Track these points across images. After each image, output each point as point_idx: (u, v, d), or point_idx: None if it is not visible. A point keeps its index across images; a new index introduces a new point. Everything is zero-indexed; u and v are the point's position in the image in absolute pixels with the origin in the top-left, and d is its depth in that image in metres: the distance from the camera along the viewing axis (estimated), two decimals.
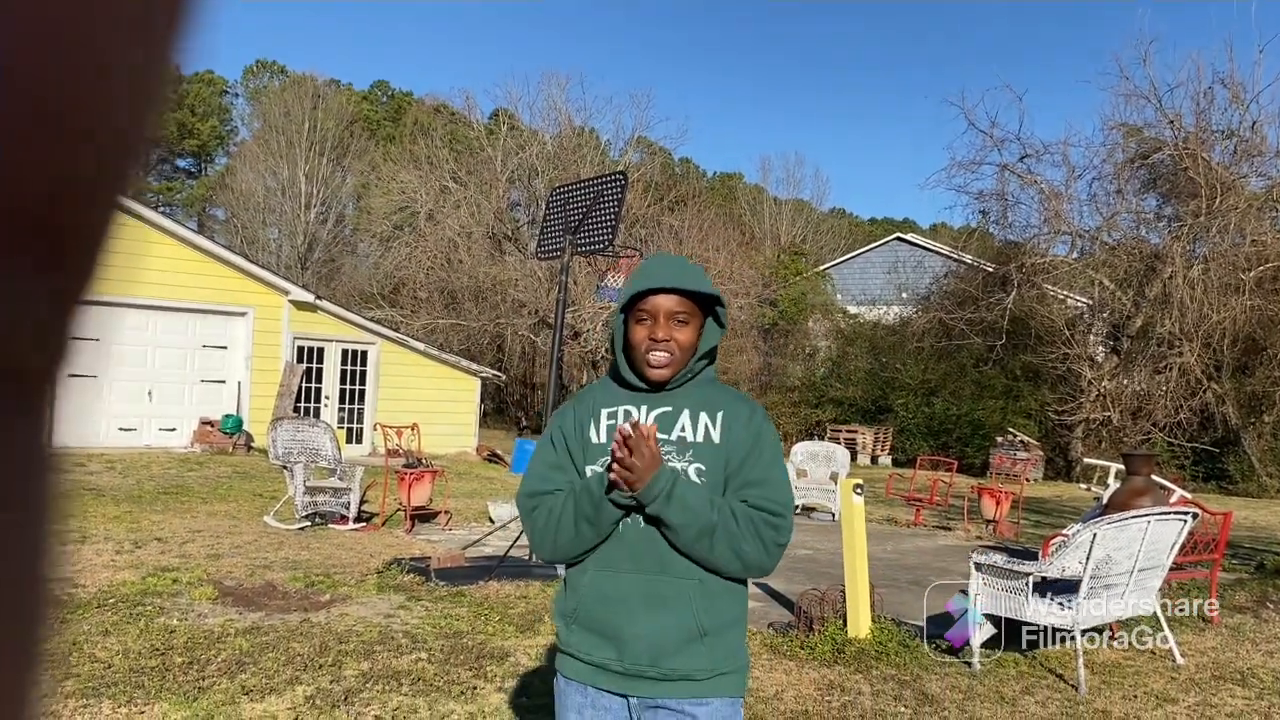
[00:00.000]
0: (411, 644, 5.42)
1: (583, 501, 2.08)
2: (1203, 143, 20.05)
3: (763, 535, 2.05)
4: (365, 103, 54.02)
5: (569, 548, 2.12)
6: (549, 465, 2.21)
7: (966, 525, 12.00)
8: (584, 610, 2.11)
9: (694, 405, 2.16)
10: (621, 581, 2.08)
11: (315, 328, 17.78)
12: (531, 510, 2.16)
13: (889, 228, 50.23)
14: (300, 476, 9.48)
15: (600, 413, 2.19)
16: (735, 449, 2.12)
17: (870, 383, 25.80)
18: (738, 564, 2.05)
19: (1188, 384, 19.75)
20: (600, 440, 2.16)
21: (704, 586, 2.06)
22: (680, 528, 2.02)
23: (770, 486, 2.11)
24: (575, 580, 2.15)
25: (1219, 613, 7.04)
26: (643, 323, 2.13)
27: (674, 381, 2.16)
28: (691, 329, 2.15)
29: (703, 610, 2.05)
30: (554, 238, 8.75)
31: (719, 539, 2.03)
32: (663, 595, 2.05)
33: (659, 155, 35.40)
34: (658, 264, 2.18)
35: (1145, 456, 7.75)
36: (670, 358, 2.11)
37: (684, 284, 2.11)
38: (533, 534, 2.17)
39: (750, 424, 2.15)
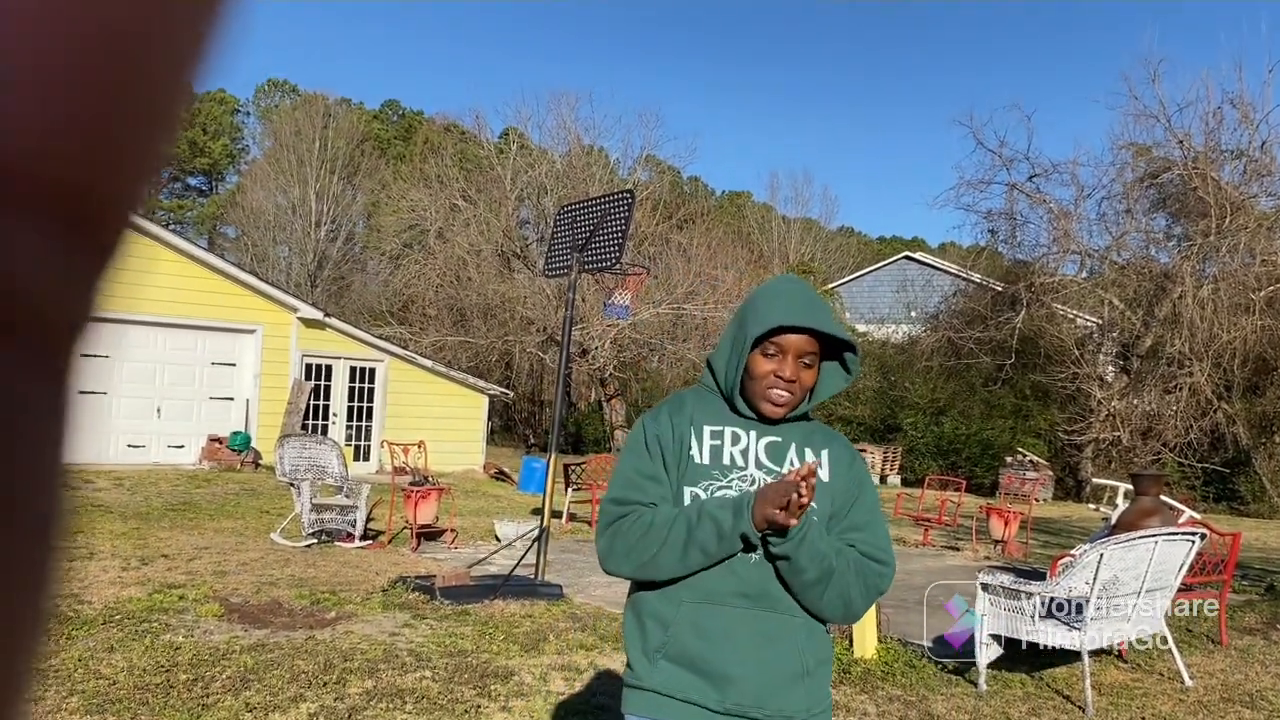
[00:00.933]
0: (416, 662, 5.42)
1: (704, 529, 1.94)
2: (1212, 162, 20.04)
3: (868, 583, 2.01)
4: (376, 121, 54.37)
5: (662, 569, 1.97)
6: (643, 474, 2.06)
7: (975, 545, 11.94)
8: (676, 645, 1.96)
9: (800, 440, 2.09)
10: (728, 617, 1.96)
11: (323, 345, 17.84)
12: (618, 518, 2.01)
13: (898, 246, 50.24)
14: (307, 494, 9.49)
15: (704, 430, 2.06)
16: (840, 490, 2.07)
17: (879, 402, 25.76)
18: (842, 611, 2.01)
19: (1198, 404, 19.67)
20: (702, 460, 2.04)
21: (809, 624, 2.01)
22: (804, 570, 1.94)
23: (875, 532, 2.08)
24: (662, 612, 2.00)
25: (1228, 634, 6.99)
26: (770, 357, 2.02)
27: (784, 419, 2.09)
28: (815, 371, 2.07)
29: (807, 649, 1.99)
30: (562, 255, 8.77)
31: (834, 585, 1.97)
32: (771, 633, 1.97)
33: (667, 173, 35.50)
34: (794, 297, 2.07)
35: (1154, 477, 7.72)
36: (792, 398, 2.04)
37: (822, 326, 2.03)
38: (614, 542, 2.00)
39: (854, 466, 2.12)
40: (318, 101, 43.08)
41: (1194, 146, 20.36)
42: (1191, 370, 19.40)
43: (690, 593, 1.97)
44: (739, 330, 2.07)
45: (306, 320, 17.49)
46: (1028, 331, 21.63)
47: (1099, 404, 21.17)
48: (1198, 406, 19.67)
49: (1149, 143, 21.48)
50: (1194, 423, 19.59)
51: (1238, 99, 19.99)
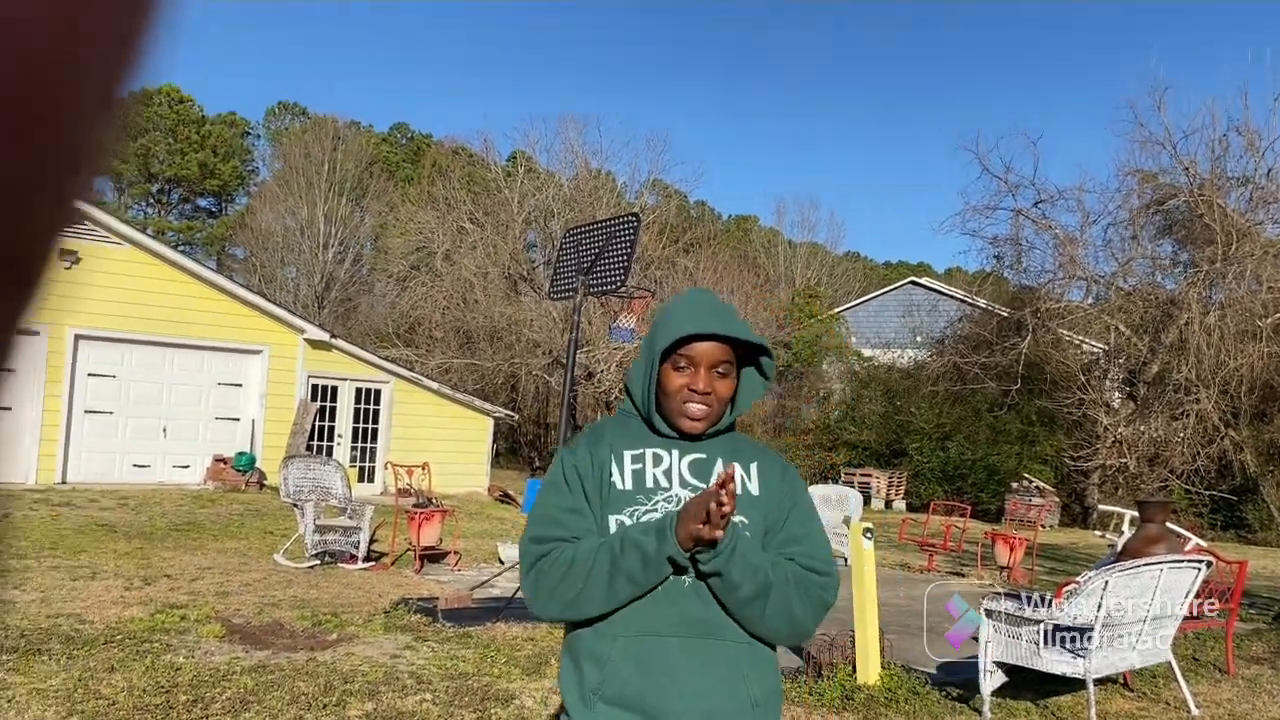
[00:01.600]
0: (417, 685, 5.40)
1: (629, 558, 1.82)
2: (1218, 189, 20.06)
3: (811, 596, 1.89)
4: (385, 144, 54.69)
5: (595, 606, 1.85)
6: (564, 509, 1.95)
7: (980, 571, 11.88)
8: (614, 683, 1.83)
9: (726, 454, 1.98)
10: (666, 648, 1.83)
11: (330, 366, 17.87)
12: (539, 558, 1.90)
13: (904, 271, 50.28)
14: (310, 515, 9.49)
15: (624, 455, 1.96)
16: (775, 502, 1.97)
17: (884, 426, 25.70)
18: (787, 628, 1.88)
19: (1205, 431, 19.61)
20: (625, 486, 1.93)
21: (754, 651, 1.89)
22: (739, 585, 1.82)
23: (814, 543, 1.97)
24: (597, 651, 1.86)
25: (1235, 663, 6.94)
26: (681, 370, 1.93)
27: (706, 434, 1.99)
28: (731, 381, 1.97)
29: (754, 678, 1.88)
30: (567, 278, 8.80)
31: (773, 600, 1.85)
32: (714, 662, 1.84)
33: (674, 198, 35.63)
34: (700, 306, 1.98)
35: (1160, 503, 7.68)
36: (709, 410, 1.94)
37: (731, 331, 1.93)
38: (538, 584, 1.89)
39: (786, 477, 2.02)
40: (327, 124, 43.36)
41: (1200, 173, 20.40)
42: (1198, 397, 19.35)
43: (625, 626, 1.85)
44: (649, 347, 1.99)
45: (313, 341, 17.53)
46: (1034, 357, 21.60)
47: (1105, 430, 21.11)
48: (1205, 433, 19.61)
49: (1155, 169, 21.54)
50: (1201, 449, 19.51)
51: (1243, 126, 20.05)
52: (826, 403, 28.76)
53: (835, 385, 29.13)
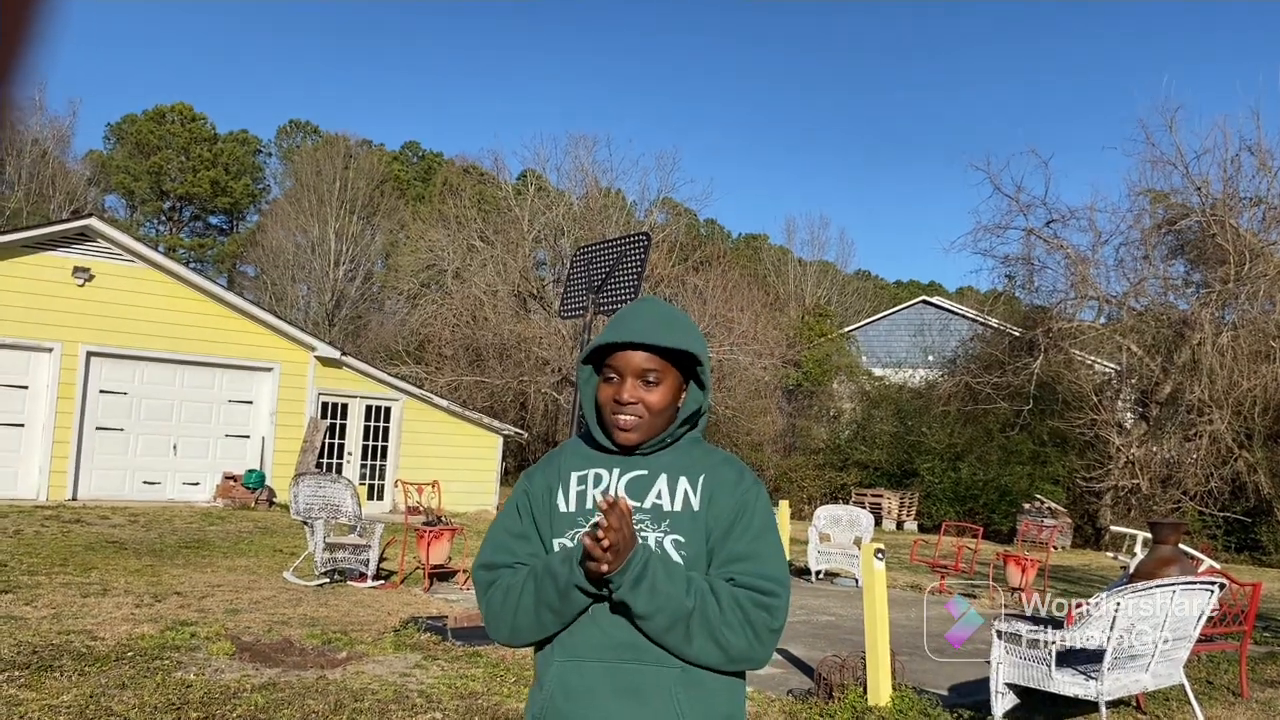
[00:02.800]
0: (426, 703, 5.38)
1: (544, 585, 1.80)
2: (1230, 209, 20.03)
3: (752, 619, 1.77)
4: (396, 163, 54.98)
5: (528, 634, 1.85)
6: (511, 534, 1.93)
7: (992, 593, 11.82)
8: (552, 707, 1.81)
9: (672, 469, 1.89)
10: (590, 672, 1.79)
11: (340, 384, 17.92)
12: (488, 586, 1.89)
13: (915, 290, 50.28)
14: (320, 533, 9.49)
15: (570, 476, 1.92)
16: (719, 518, 1.84)
17: (895, 446, 25.63)
18: (719, 655, 1.77)
19: (1218, 452, 19.50)
20: (569, 509, 1.89)
21: (687, 675, 1.78)
22: (649, 615, 1.74)
23: (760, 561, 1.83)
24: (541, 671, 1.87)
25: (1249, 686, 6.88)
26: (609, 381, 1.88)
27: (648, 445, 1.89)
28: (665, 389, 1.87)
29: (685, 703, 1.77)
30: (577, 297, 8.81)
31: (695, 628, 1.75)
32: (639, 687, 1.77)
33: (684, 216, 35.71)
34: (632, 315, 1.91)
35: (1173, 525, 7.64)
36: (638, 420, 1.85)
37: (655, 339, 1.84)
38: (488, 613, 1.89)
39: (737, 489, 1.87)
40: (339, 142, 43.66)
41: (1212, 193, 20.37)
42: (1211, 418, 19.25)
43: (560, 650, 1.83)
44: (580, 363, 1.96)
45: (324, 359, 17.59)
46: (1045, 377, 21.53)
47: (1118, 451, 21.01)
48: (1218, 455, 19.50)
49: (1167, 189, 21.52)
50: (1214, 471, 19.40)
51: (1256, 146, 20.02)
52: (837, 422, 28.71)
53: (846, 404, 29.08)
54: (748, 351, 26.47)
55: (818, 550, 12.33)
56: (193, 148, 52.07)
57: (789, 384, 29.25)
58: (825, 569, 12.36)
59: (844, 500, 23.17)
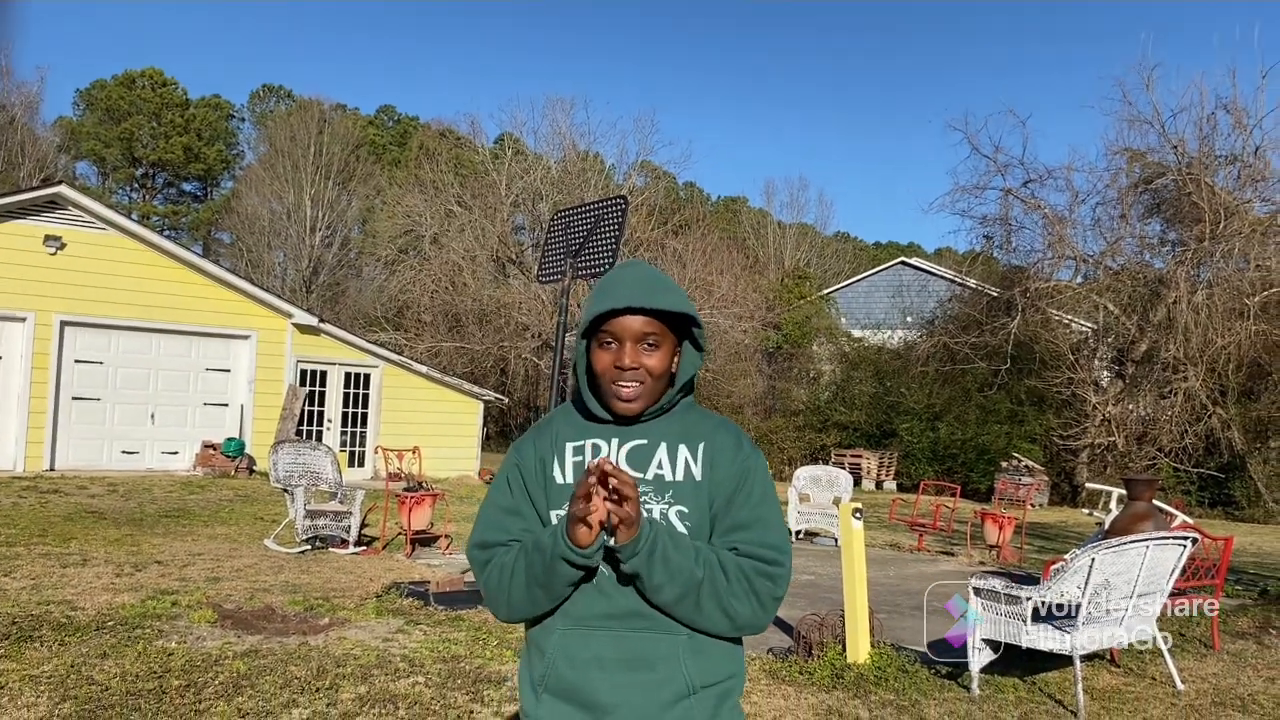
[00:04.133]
0: (409, 668, 5.41)
1: (533, 560, 1.77)
2: (1206, 168, 20.09)
3: (756, 589, 1.78)
4: (371, 127, 54.42)
5: (524, 611, 1.83)
6: (503, 510, 1.90)
7: (969, 550, 11.95)
8: (555, 675, 1.80)
9: (672, 438, 1.86)
10: (595, 640, 1.78)
11: (318, 351, 17.83)
12: (484, 565, 1.86)
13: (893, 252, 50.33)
14: (301, 500, 9.49)
15: (565, 447, 1.88)
16: (720, 486, 1.83)
17: (874, 407, 25.78)
18: (726, 623, 1.78)
19: (1193, 409, 19.71)
20: (565, 480, 1.85)
21: (693, 642, 1.79)
22: (661, 587, 1.73)
23: (763, 529, 1.83)
24: (540, 640, 1.84)
25: (1221, 638, 7.00)
26: (607, 348, 1.84)
27: (646, 413, 1.86)
28: (663, 353, 1.84)
29: (693, 669, 1.78)
30: (555, 261, 8.78)
31: (705, 598, 1.75)
32: (645, 654, 1.77)
33: (663, 179, 35.55)
34: (624, 278, 1.87)
35: (1147, 481, 7.73)
36: (640, 387, 1.82)
37: (654, 302, 1.81)
38: (485, 593, 1.87)
39: (737, 457, 1.86)
40: (313, 107, 43.12)
41: (1188, 152, 20.42)
42: (1186, 375, 19.45)
43: (562, 619, 1.81)
44: (578, 334, 1.89)
45: (301, 326, 17.49)
46: (1023, 337, 21.65)
47: (1094, 409, 21.20)
48: (1192, 411, 19.71)
49: (1143, 148, 21.55)
50: (1189, 428, 19.62)
51: (1231, 104, 20.05)
52: (816, 384, 28.82)
53: (825, 366, 29.19)
54: (728, 315, 26.49)
55: (797, 510, 12.43)
56: (164, 113, 51.31)
57: (769, 346, 29.32)
58: (805, 529, 12.46)
59: (823, 461, 23.31)
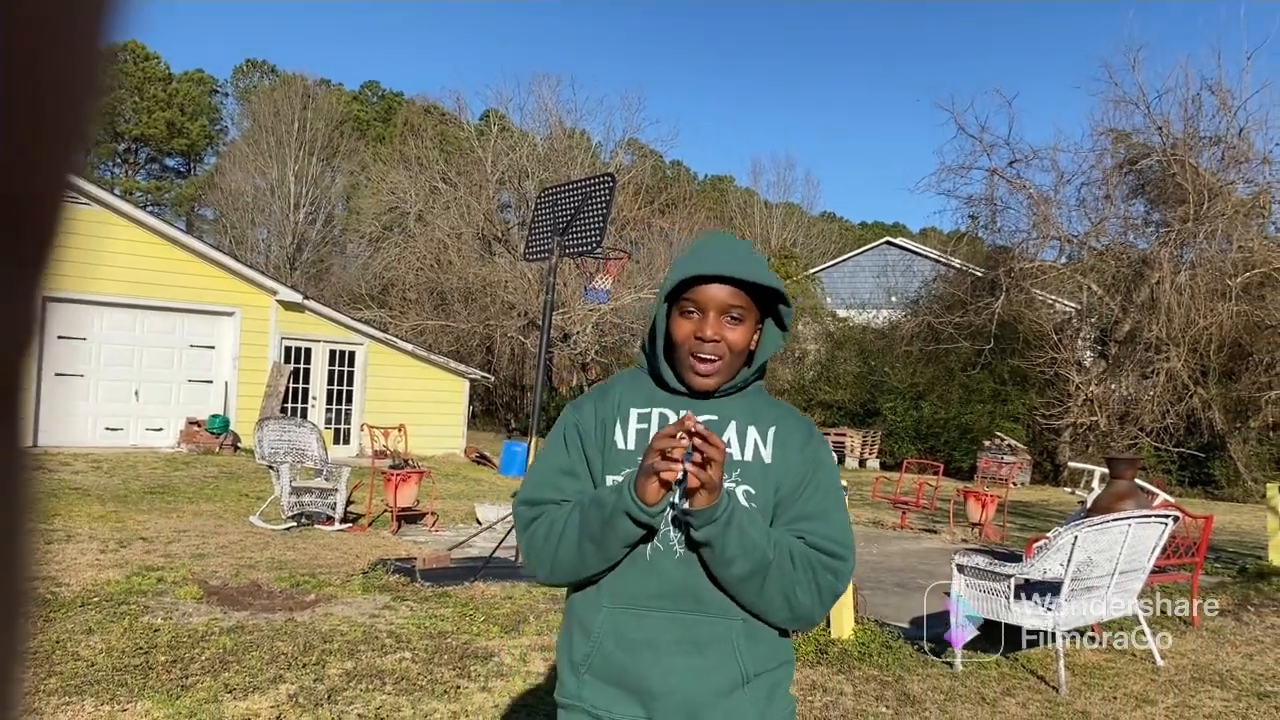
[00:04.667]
0: (396, 644, 5.43)
1: (590, 516, 1.70)
2: (1191, 149, 20.17)
3: (820, 581, 1.73)
4: (355, 103, 54.02)
5: (569, 570, 1.75)
6: (557, 469, 1.83)
7: (952, 528, 12.04)
8: (600, 657, 1.73)
9: (742, 417, 1.81)
10: (649, 622, 1.71)
11: (303, 328, 17.76)
12: (530, 521, 1.80)
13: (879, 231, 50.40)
14: (286, 477, 9.47)
15: (630, 413, 1.82)
16: (789, 473, 1.78)
17: (859, 386, 25.88)
18: (786, 612, 1.73)
19: (1174, 389, 19.87)
20: (627, 446, 1.79)
21: (748, 627, 1.73)
22: (733, 560, 1.66)
23: (830, 522, 1.78)
24: (586, 619, 1.77)
25: (1200, 615, 7.08)
26: (689, 316, 1.76)
27: (719, 390, 1.81)
28: (746, 328, 1.78)
29: (747, 655, 1.72)
30: (542, 239, 8.76)
31: (771, 580, 1.69)
32: (700, 639, 1.71)
33: (650, 157, 35.44)
34: (713, 246, 1.80)
35: (1129, 460, 7.79)
36: (719, 362, 1.76)
37: (743, 273, 1.73)
38: (528, 549, 1.80)
39: (808, 446, 1.82)
40: (296, 82, 42.72)
41: (1173, 133, 20.50)
42: (1168, 355, 19.59)
43: (610, 597, 1.74)
44: (659, 295, 1.82)
45: (286, 303, 17.40)
46: (1007, 316, 21.75)
47: (1077, 389, 21.34)
48: (1174, 391, 19.87)
49: (1128, 129, 21.63)
50: (1170, 407, 19.78)
51: (1216, 85, 20.13)
52: (801, 363, 28.88)
53: (810, 346, 29.24)
54: None
55: None
56: (146, 88, 50.78)
57: None
58: None
59: None
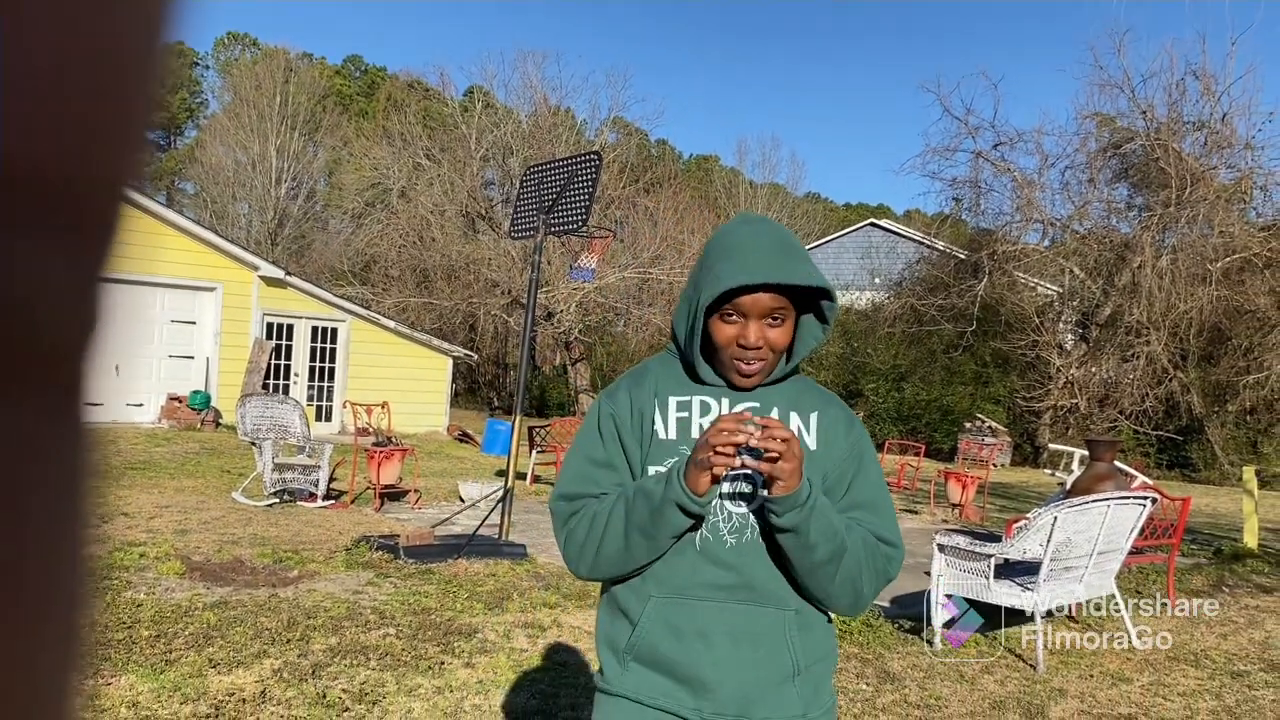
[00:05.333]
0: (379, 620, 5.44)
1: (637, 507, 1.67)
2: (1174, 134, 20.25)
3: (878, 570, 1.73)
4: (338, 77, 53.56)
5: (614, 564, 1.71)
6: (593, 461, 1.79)
7: (933, 509, 12.13)
8: (647, 645, 1.70)
9: (783, 403, 1.79)
10: (701, 611, 1.68)
11: (285, 304, 17.67)
12: (569, 516, 1.76)
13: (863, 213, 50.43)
14: (269, 453, 9.44)
15: (669, 401, 1.78)
16: (836, 461, 1.77)
17: (841, 367, 25.98)
18: (849, 599, 1.71)
19: (1154, 373, 20.03)
20: (669, 436, 1.76)
21: (801, 618, 1.72)
22: (816, 545, 1.64)
23: (882, 511, 1.79)
24: (631, 605, 1.74)
25: (1176, 596, 7.18)
26: (730, 321, 1.72)
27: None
28: (788, 327, 1.74)
29: (799, 646, 1.70)
30: (527, 217, 8.72)
31: (845, 566, 1.68)
32: (754, 629, 1.68)
33: (635, 136, 35.32)
34: (753, 246, 1.72)
35: (1108, 442, 7.86)
36: (762, 365, 1.74)
37: (789, 277, 1.69)
38: (568, 545, 1.76)
39: (851, 433, 1.81)
40: (278, 56, 42.32)
41: (1157, 117, 20.57)
42: (1149, 339, 19.73)
43: (659, 586, 1.71)
44: (693, 291, 1.77)
45: (267, 279, 17.30)
46: (989, 299, 21.85)
47: (1058, 371, 21.48)
48: (1154, 375, 20.03)
49: (1113, 113, 21.71)
50: (1150, 391, 19.95)
51: (1200, 71, 20.19)
52: None
53: None
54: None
55: None
56: None
57: None
58: None
59: None
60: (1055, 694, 4.95)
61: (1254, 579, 8.17)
